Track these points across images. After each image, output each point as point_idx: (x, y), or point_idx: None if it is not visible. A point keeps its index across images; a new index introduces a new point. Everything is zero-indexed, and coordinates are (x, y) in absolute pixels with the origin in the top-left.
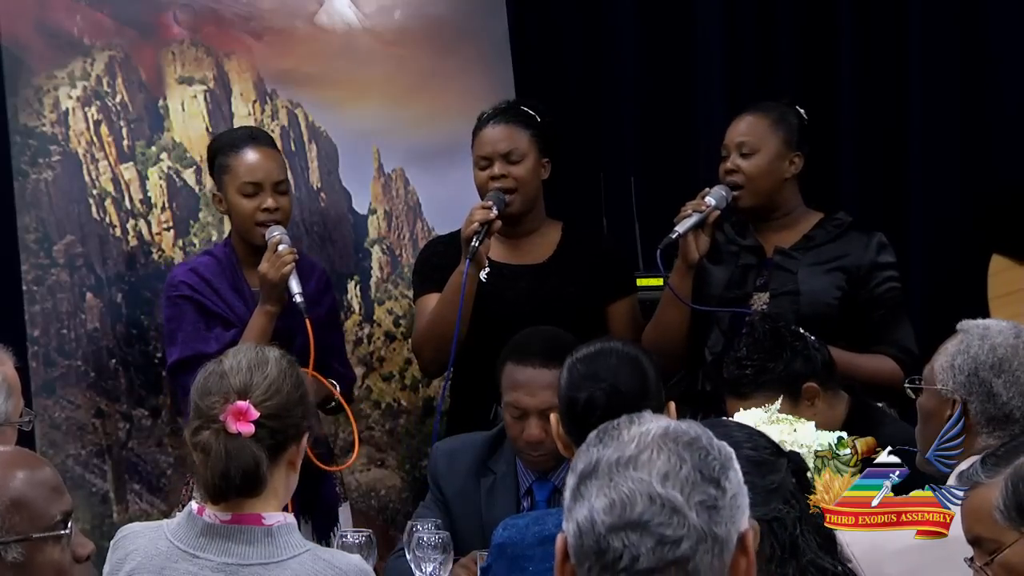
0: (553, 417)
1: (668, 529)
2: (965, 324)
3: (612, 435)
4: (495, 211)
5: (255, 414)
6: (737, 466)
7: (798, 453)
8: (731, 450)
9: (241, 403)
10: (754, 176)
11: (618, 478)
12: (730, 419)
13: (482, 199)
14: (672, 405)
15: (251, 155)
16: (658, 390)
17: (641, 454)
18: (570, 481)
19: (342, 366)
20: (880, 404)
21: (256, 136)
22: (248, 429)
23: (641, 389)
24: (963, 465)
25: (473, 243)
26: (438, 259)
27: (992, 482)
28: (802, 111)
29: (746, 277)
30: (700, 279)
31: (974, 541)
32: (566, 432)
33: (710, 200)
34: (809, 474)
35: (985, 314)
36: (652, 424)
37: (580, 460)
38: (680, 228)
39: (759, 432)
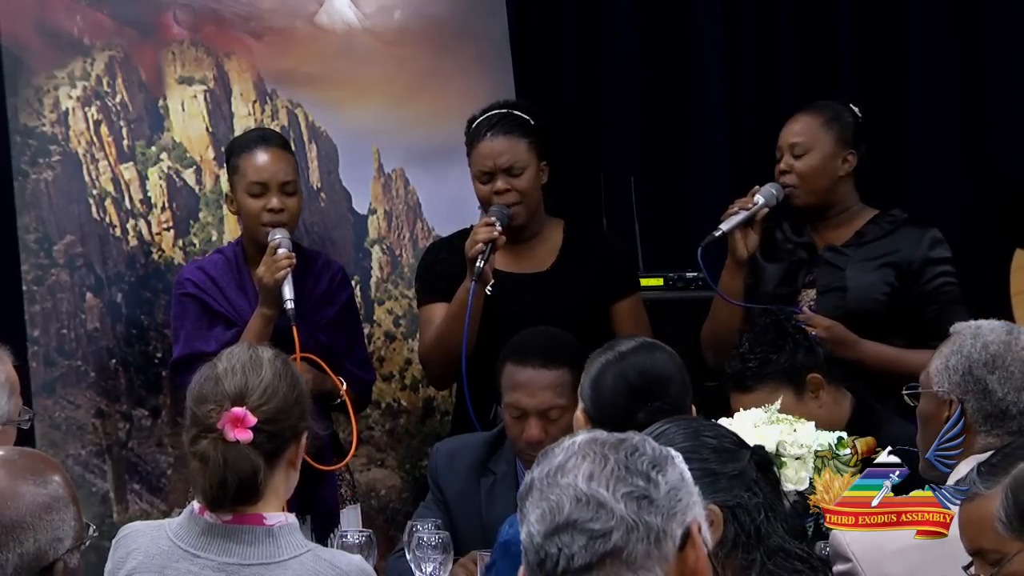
0: (580, 416)
1: (596, 523)
2: (958, 327)
3: (546, 455)
4: (499, 228)
5: (252, 420)
6: (681, 467)
7: (763, 447)
8: (674, 453)
9: (238, 410)
10: (807, 176)
11: (547, 490)
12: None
13: (485, 212)
14: (692, 409)
15: (260, 156)
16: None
17: (567, 462)
18: (518, 513)
19: (357, 367)
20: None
21: (267, 137)
22: (246, 436)
23: (687, 400)
24: (963, 466)
25: (478, 264)
26: (441, 267)
27: (990, 492)
28: (856, 109)
29: (796, 274)
30: (755, 276)
31: (976, 552)
32: None
33: (759, 198)
34: (806, 473)
35: (985, 313)
36: (581, 435)
37: (520, 488)
38: (724, 226)
39: (722, 425)
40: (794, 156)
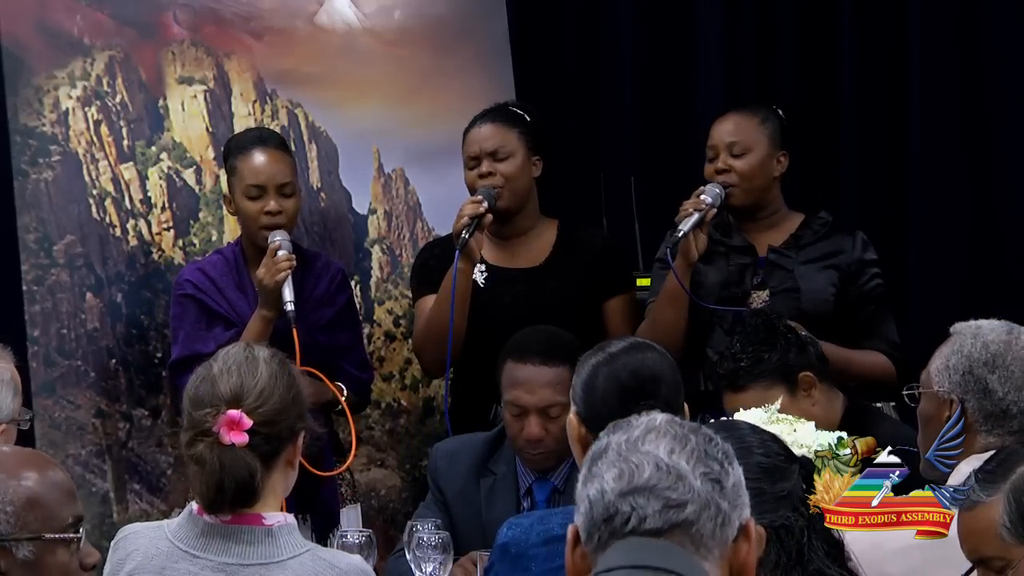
0: (573, 419)
1: (674, 493)
2: (958, 326)
3: (621, 425)
4: (485, 205)
5: (248, 423)
6: (737, 464)
7: (810, 459)
8: (731, 449)
9: (233, 412)
10: (748, 175)
11: (627, 453)
12: (741, 421)
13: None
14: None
15: (257, 158)
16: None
17: (648, 434)
18: (583, 471)
19: (355, 367)
20: (878, 405)
21: (265, 138)
22: (242, 439)
23: (679, 399)
24: (964, 466)
25: (463, 235)
26: (435, 262)
27: (991, 500)
28: (781, 112)
29: (742, 276)
30: (694, 279)
31: (979, 561)
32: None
33: (706, 199)
34: None
35: (984, 315)
36: (659, 415)
37: (592, 449)
38: (684, 227)
39: (772, 435)
40: (732, 155)
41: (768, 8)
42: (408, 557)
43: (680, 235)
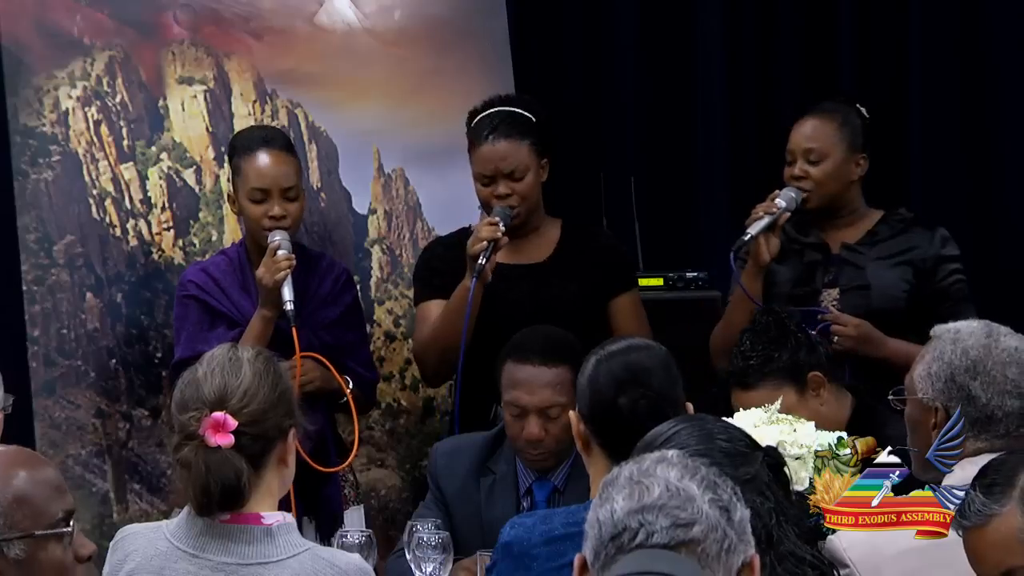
0: (574, 415)
1: (683, 513)
2: (937, 330)
3: (635, 458)
4: (502, 228)
5: (233, 424)
6: (745, 506)
7: (775, 448)
8: (740, 491)
9: (218, 415)
10: (823, 182)
11: (639, 477)
12: (707, 414)
13: (485, 211)
14: (690, 406)
15: (262, 160)
16: (682, 391)
17: (659, 465)
18: (595, 498)
19: (361, 367)
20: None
21: (270, 139)
22: (227, 440)
23: (673, 391)
24: (957, 469)
25: (480, 261)
26: (439, 263)
27: (1005, 510)
28: (863, 109)
29: (813, 274)
30: (766, 278)
31: (1008, 572)
32: (594, 433)
33: (780, 202)
34: (806, 473)
35: (984, 315)
36: (672, 452)
37: (604, 478)
38: (752, 230)
39: (735, 426)
40: (809, 162)
41: (768, 8)
42: (408, 557)
43: (747, 239)
